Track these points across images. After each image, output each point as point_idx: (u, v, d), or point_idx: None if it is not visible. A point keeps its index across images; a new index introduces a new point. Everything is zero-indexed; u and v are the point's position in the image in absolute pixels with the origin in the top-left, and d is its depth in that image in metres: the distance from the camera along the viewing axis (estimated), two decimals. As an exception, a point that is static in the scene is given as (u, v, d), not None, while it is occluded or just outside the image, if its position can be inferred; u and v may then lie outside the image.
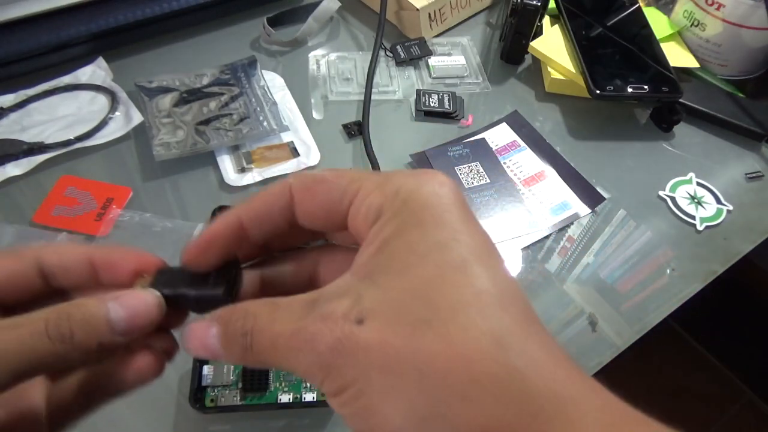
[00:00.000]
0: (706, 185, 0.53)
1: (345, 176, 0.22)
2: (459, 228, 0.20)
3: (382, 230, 0.20)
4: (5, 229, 0.44)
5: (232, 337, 0.20)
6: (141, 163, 0.50)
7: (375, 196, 0.21)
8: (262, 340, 0.20)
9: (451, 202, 0.21)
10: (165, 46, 0.60)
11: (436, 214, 0.20)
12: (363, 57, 0.60)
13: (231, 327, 0.21)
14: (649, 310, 0.45)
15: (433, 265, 0.19)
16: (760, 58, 0.61)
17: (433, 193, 0.21)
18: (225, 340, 0.21)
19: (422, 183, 0.21)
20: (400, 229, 0.20)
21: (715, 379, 1.22)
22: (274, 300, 0.21)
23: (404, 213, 0.20)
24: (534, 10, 0.56)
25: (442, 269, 0.19)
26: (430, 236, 0.19)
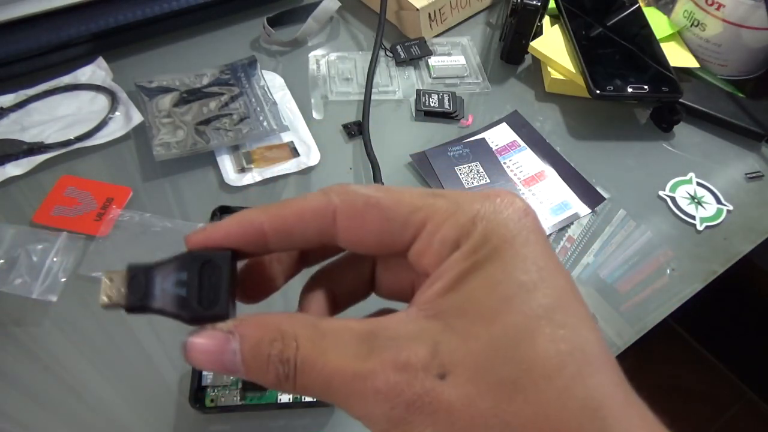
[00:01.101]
0: (706, 185, 0.53)
1: (404, 202, 0.19)
2: (543, 266, 0.18)
3: (457, 264, 0.18)
4: (5, 229, 0.44)
5: (263, 360, 0.18)
6: (141, 163, 0.50)
7: (448, 229, 0.18)
8: (311, 375, 0.18)
9: (533, 235, 0.18)
10: (165, 46, 0.60)
11: (518, 248, 0.18)
12: (363, 57, 0.60)
13: (262, 349, 0.18)
14: (649, 310, 0.45)
15: (519, 313, 0.17)
16: (760, 58, 0.61)
17: (516, 223, 0.18)
18: (253, 363, 0.18)
19: (501, 210, 0.18)
20: (478, 264, 0.18)
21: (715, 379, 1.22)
22: (314, 322, 0.18)
23: (484, 247, 0.18)
24: (534, 10, 0.56)
25: (528, 318, 0.17)
26: (514, 276, 0.17)
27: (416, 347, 0.17)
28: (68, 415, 0.37)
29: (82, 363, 0.39)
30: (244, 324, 0.18)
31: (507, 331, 0.16)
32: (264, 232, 0.20)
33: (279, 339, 0.18)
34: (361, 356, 0.17)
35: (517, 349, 0.16)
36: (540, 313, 0.17)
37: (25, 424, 0.37)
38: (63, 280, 0.42)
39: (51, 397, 0.38)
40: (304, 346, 0.18)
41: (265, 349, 0.18)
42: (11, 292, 0.41)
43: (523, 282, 0.17)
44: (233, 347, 0.18)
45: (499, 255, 0.18)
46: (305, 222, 0.20)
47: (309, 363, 0.17)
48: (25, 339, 0.40)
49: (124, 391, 0.38)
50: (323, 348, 0.18)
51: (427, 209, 0.19)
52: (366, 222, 0.19)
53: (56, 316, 0.41)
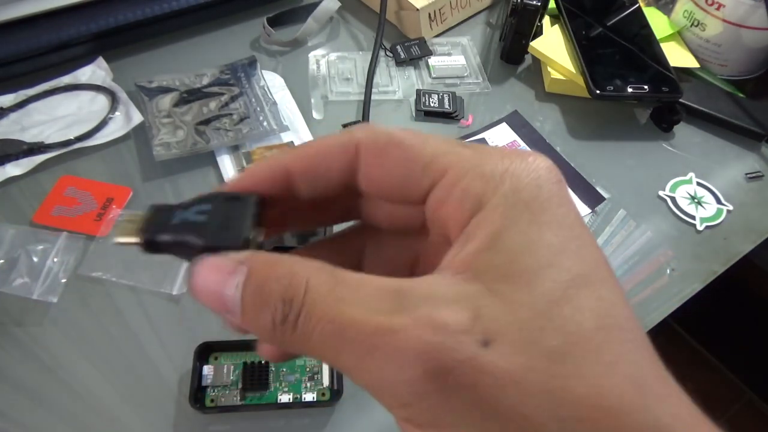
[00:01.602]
0: (706, 185, 0.53)
1: (428, 144, 0.18)
2: (578, 233, 0.16)
3: (489, 221, 0.16)
4: (5, 229, 0.44)
5: (266, 298, 0.15)
6: (141, 163, 0.50)
7: (473, 179, 0.17)
8: (319, 321, 0.15)
9: (566, 201, 0.17)
10: (165, 46, 0.60)
11: (553, 210, 0.16)
12: (363, 57, 0.60)
13: (268, 285, 0.16)
14: (649, 310, 0.45)
15: (563, 278, 0.15)
16: (760, 58, 0.61)
17: (548, 185, 0.17)
18: (253, 299, 0.16)
19: (533, 170, 0.17)
20: (513, 221, 0.16)
21: (715, 379, 1.22)
22: (332, 269, 0.16)
23: (517, 205, 0.16)
24: (534, 10, 0.56)
25: (571, 285, 0.15)
26: (551, 239, 0.16)
27: (456, 309, 0.15)
28: (68, 415, 0.37)
29: (82, 363, 0.39)
30: (255, 258, 0.16)
31: (552, 297, 0.15)
32: (289, 175, 0.19)
33: (287, 276, 0.15)
34: (388, 310, 0.15)
35: (565, 318, 0.15)
36: (580, 282, 0.15)
37: (25, 424, 0.37)
38: (63, 281, 0.42)
39: (51, 397, 0.38)
40: (315, 290, 0.15)
41: (269, 286, 0.16)
42: (11, 293, 0.41)
43: (562, 246, 0.16)
44: (237, 281, 0.16)
45: (533, 214, 0.16)
46: (329, 158, 0.19)
47: (320, 308, 0.15)
48: (25, 339, 0.40)
49: (124, 391, 0.38)
50: (339, 296, 0.15)
51: (451, 155, 0.17)
52: (387, 160, 0.18)
53: (56, 316, 0.41)
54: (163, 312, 0.42)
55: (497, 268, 0.16)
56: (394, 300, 0.15)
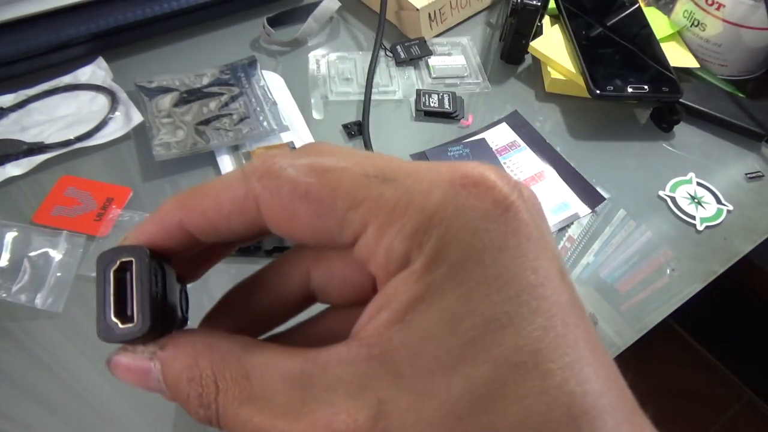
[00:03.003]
0: (706, 185, 0.53)
1: (341, 192, 0.15)
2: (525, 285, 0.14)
3: (406, 287, 0.14)
4: (5, 229, 0.44)
5: (185, 401, 0.16)
6: (141, 163, 0.50)
7: (395, 236, 0.14)
8: (235, 426, 0.15)
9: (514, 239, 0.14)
10: (165, 46, 0.60)
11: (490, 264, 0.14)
12: (363, 57, 0.60)
13: (182, 387, 0.15)
14: (649, 310, 0.45)
15: (487, 361, 0.13)
16: (760, 58, 0.61)
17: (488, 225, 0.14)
18: (177, 397, 0.16)
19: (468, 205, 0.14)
20: (434, 289, 0.14)
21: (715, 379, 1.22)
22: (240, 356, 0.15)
23: (441, 265, 0.14)
24: (534, 10, 0.56)
25: (499, 369, 0.13)
26: (482, 307, 0.13)
27: (356, 408, 0.13)
28: (68, 414, 0.37)
29: (82, 363, 0.39)
30: (162, 351, 0.16)
31: (470, 388, 0.13)
32: (185, 231, 0.17)
33: (197, 380, 0.15)
34: (292, 411, 0.14)
35: (482, 415, 0.13)
36: (516, 360, 0.13)
37: (24, 424, 0.37)
38: (66, 290, 0.42)
39: (51, 396, 0.38)
40: (224, 392, 0.15)
41: (185, 389, 0.15)
42: (15, 302, 0.41)
43: (494, 316, 0.13)
44: (155, 376, 0.16)
45: (461, 277, 0.14)
46: (225, 216, 0.16)
47: (231, 413, 0.15)
48: (24, 339, 0.40)
49: (123, 390, 0.38)
50: (248, 394, 0.15)
51: (369, 203, 0.15)
52: (296, 219, 0.15)
53: (56, 316, 0.41)
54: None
55: (409, 347, 0.14)
56: (296, 393, 0.14)
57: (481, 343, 0.13)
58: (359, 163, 0.15)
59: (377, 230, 0.15)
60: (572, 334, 0.14)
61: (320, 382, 0.14)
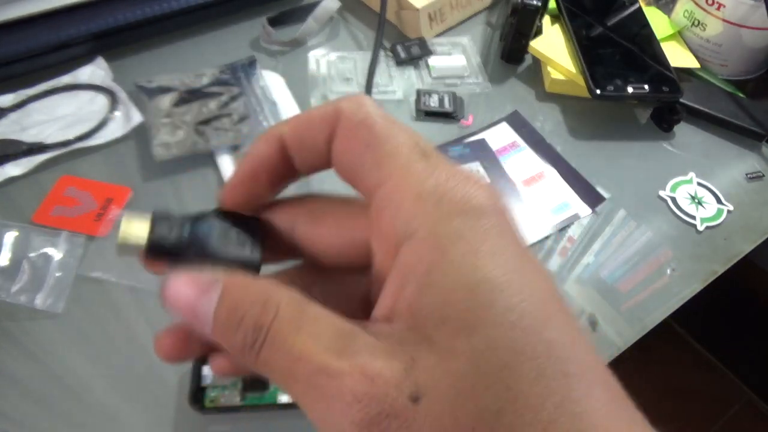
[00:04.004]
0: (706, 185, 0.53)
1: (389, 140, 0.18)
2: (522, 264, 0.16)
3: (419, 257, 0.16)
4: (5, 229, 0.44)
5: (236, 320, 0.16)
6: (141, 163, 0.50)
7: (406, 198, 0.17)
8: (278, 351, 0.16)
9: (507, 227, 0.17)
10: (165, 46, 0.60)
11: (493, 240, 0.16)
12: (363, 57, 0.60)
13: (240, 308, 0.16)
14: (649, 310, 0.45)
15: (501, 323, 0.15)
16: (761, 58, 0.61)
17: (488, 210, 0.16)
18: (225, 319, 0.17)
19: (472, 195, 0.16)
20: (446, 255, 0.16)
21: (715, 379, 1.22)
22: (300, 299, 0.17)
23: (449, 234, 0.16)
24: (534, 9, 0.56)
25: (512, 329, 0.15)
26: (491, 271, 0.15)
27: (392, 360, 0.15)
28: (68, 414, 0.37)
29: (82, 363, 0.39)
30: (231, 278, 0.17)
31: (491, 347, 0.15)
32: (286, 145, 0.19)
33: (261, 303, 0.16)
34: (335, 351, 0.15)
35: (501, 370, 0.14)
36: (524, 325, 0.15)
37: (24, 424, 0.37)
38: (66, 290, 0.42)
39: (51, 396, 0.38)
40: (281, 318, 0.16)
41: (243, 309, 0.16)
42: (15, 302, 0.41)
43: (505, 284, 0.15)
44: (212, 297, 0.17)
45: (469, 245, 0.16)
46: (315, 126, 0.19)
47: (281, 337, 0.16)
48: (24, 338, 0.40)
49: (123, 391, 0.38)
50: (299, 326, 0.16)
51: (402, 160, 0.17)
52: (353, 140, 0.18)
53: (56, 317, 0.41)
54: (163, 312, 0.42)
55: (433, 312, 0.15)
56: (342, 341, 0.16)
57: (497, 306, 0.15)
58: (415, 135, 0.18)
59: (394, 186, 0.17)
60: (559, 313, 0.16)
61: (363, 340, 0.16)
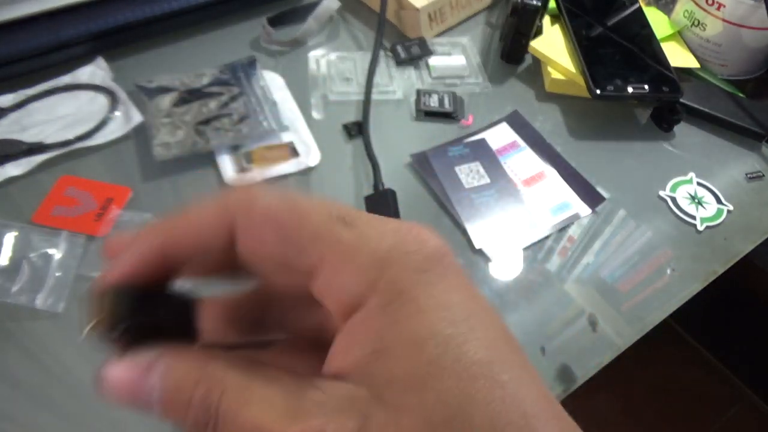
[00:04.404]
0: (706, 185, 0.53)
1: (306, 225, 0.17)
2: (470, 312, 0.16)
3: (369, 323, 0.16)
4: (5, 229, 0.44)
5: (184, 403, 0.16)
6: (141, 163, 0.50)
7: (348, 275, 0.16)
8: (233, 427, 0.16)
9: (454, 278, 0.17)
10: (165, 46, 0.60)
11: (439, 296, 0.16)
12: (363, 57, 0.60)
13: (187, 390, 0.16)
14: (650, 310, 0.45)
15: (452, 376, 0.15)
16: (760, 58, 0.61)
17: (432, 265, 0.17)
18: (172, 403, 0.16)
19: (414, 249, 0.17)
20: (394, 319, 0.16)
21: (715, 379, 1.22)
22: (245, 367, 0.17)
23: (397, 298, 0.16)
24: (534, 9, 0.56)
25: (463, 381, 0.15)
26: (439, 330, 0.16)
27: (344, 419, 0.15)
28: (68, 414, 0.37)
29: (82, 363, 0.39)
30: (166, 357, 0.17)
31: (441, 399, 0.15)
32: (165, 256, 0.18)
33: (204, 381, 0.16)
34: (287, 416, 0.15)
35: (454, 421, 0.15)
36: (474, 372, 0.15)
37: (24, 423, 0.37)
38: (66, 290, 0.42)
39: (51, 396, 0.38)
40: (229, 394, 0.16)
41: (188, 391, 0.16)
42: (15, 303, 0.41)
43: (451, 336, 0.16)
44: (152, 382, 0.17)
45: (418, 307, 0.16)
46: (204, 236, 0.18)
47: (232, 413, 0.16)
48: (24, 339, 0.40)
49: (124, 391, 0.38)
50: (247, 398, 0.16)
51: (328, 240, 0.17)
52: (264, 241, 0.17)
53: (56, 317, 0.41)
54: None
55: (383, 374, 0.16)
56: (293, 403, 0.16)
57: (445, 359, 0.15)
58: (325, 205, 0.17)
59: (334, 266, 0.17)
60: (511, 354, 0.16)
61: (314, 398, 0.16)
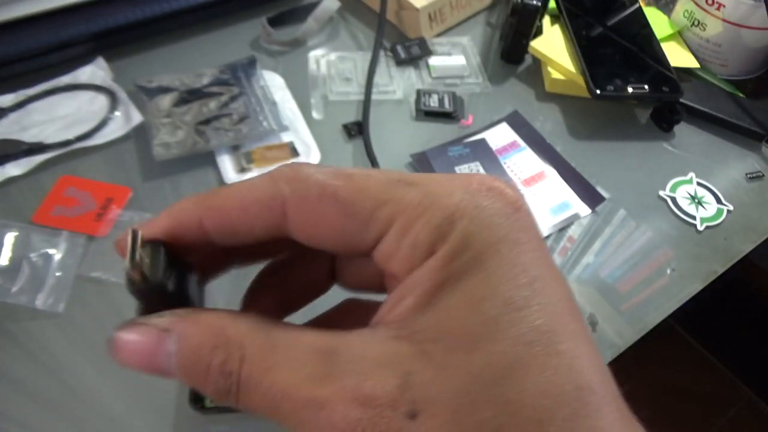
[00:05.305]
0: (706, 185, 0.53)
1: (368, 194, 0.16)
2: (536, 276, 0.15)
3: (432, 274, 0.15)
4: (5, 229, 0.44)
5: (203, 370, 0.15)
6: (141, 163, 0.50)
7: (420, 229, 0.15)
8: (257, 394, 0.15)
9: (525, 236, 0.16)
10: (165, 46, 0.60)
11: (506, 255, 0.15)
12: (363, 57, 0.60)
13: (202, 356, 0.15)
14: (650, 310, 0.45)
15: (506, 339, 0.14)
16: (760, 58, 0.61)
17: (503, 221, 0.15)
18: (191, 370, 0.16)
19: (486, 205, 0.16)
20: (457, 275, 0.15)
21: (715, 379, 1.22)
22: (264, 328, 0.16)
23: (464, 254, 0.15)
24: (534, 9, 0.56)
25: (517, 345, 0.14)
26: (500, 291, 0.15)
27: (383, 377, 0.14)
28: (67, 414, 0.37)
29: (82, 363, 0.39)
30: (182, 322, 0.16)
31: (492, 362, 0.14)
32: (203, 229, 0.17)
33: (222, 346, 0.15)
34: (318, 379, 0.14)
35: (503, 385, 0.14)
36: (531, 338, 0.14)
37: (24, 423, 0.37)
38: (66, 290, 0.42)
39: (51, 396, 0.38)
40: (250, 359, 0.15)
41: (206, 357, 0.15)
42: (15, 303, 0.41)
43: (512, 299, 0.15)
44: (169, 349, 0.15)
45: (482, 264, 0.15)
46: (250, 217, 0.17)
47: (255, 380, 0.15)
48: (24, 338, 0.40)
49: (124, 390, 0.38)
50: (273, 362, 0.15)
51: (394, 203, 0.16)
52: (322, 217, 0.16)
53: (57, 317, 0.41)
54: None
55: (434, 328, 0.15)
56: (324, 363, 0.15)
57: (501, 321, 0.14)
58: (380, 172, 0.17)
59: (403, 225, 0.16)
60: (573, 324, 0.15)
61: (347, 356, 0.15)
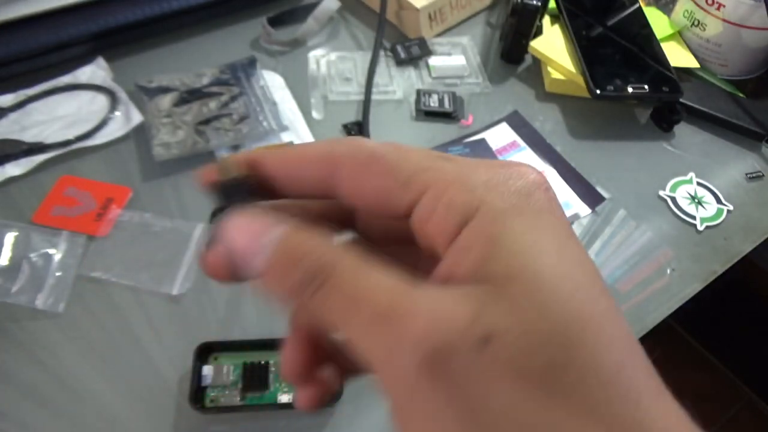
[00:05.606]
0: (706, 185, 0.53)
1: (410, 160, 0.18)
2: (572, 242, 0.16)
3: (483, 229, 0.16)
4: (5, 229, 0.44)
5: (298, 259, 0.16)
6: (141, 163, 0.50)
7: (456, 192, 0.17)
8: (338, 292, 0.16)
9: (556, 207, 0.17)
10: (165, 46, 0.60)
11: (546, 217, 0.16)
12: (363, 57, 0.60)
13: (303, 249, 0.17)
14: (650, 310, 0.45)
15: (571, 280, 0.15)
16: (760, 58, 0.61)
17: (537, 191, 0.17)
18: (285, 255, 0.17)
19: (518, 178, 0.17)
20: (509, 227, 0.16)
21: (715, 379, 1.22)
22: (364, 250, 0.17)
23: (508, 212, 0.16)
24: (534, 9, 0.56)
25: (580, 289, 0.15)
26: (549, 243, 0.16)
27: (460, 305, 0.15)
28: (67, 414, 0.37)
29: (82, 363, 0.39)
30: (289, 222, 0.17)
31: (564, 306, 0.15)
32: (271, 174, 0.20)
33: (323, 247, 0.17)
34: (400, 292, 0.15)
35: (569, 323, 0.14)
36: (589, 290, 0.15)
37: (24, 424, 0.37)
38: (66, 290, 0.42)
39: (51, 396, 0.38)
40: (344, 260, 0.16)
41: (304, 250, 0.17)
42: (15, 303, 0.41)
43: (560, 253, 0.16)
44: (273, 233, 0.17)
45: (528, 220, 0.16)
46: (307, 167, 0.19)
47: (343, 277, 0.16)
48: (24, 338, 0.40)
49: (124, 391, 0.38)
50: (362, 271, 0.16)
51: (432, 171, 0.17)
52: (367, 175, 0.18)
53: (57, 317, 0.41)
54: (163, 312, 0.42)
55: (501, 271, 0.15)
56: (410, 287, 0.16)
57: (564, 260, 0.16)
58: (424, 149, 0.19)
59: (438, 189, 0.17)
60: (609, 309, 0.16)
61: (429, 287, 0.16)
